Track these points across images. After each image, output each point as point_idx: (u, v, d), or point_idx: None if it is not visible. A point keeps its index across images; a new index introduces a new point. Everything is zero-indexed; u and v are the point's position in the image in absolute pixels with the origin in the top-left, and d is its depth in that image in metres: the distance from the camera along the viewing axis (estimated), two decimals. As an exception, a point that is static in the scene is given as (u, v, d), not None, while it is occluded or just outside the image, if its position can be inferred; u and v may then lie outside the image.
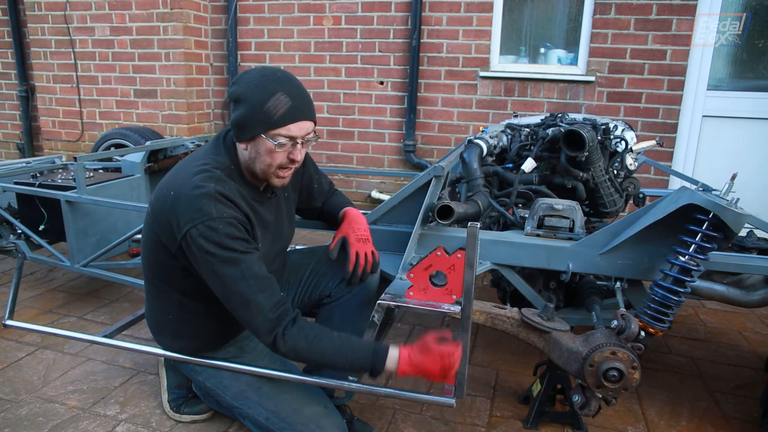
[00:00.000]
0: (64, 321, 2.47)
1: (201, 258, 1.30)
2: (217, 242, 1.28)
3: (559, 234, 1.73)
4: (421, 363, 1.31)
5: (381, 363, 1.32)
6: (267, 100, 1.29)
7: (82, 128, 4.78)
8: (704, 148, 3.80)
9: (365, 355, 1.33)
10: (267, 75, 1.33)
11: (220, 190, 1.31)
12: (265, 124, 1.30)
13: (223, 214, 1.29)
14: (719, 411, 1.89)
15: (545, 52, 4.03)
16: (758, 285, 1.70)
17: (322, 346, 1.33)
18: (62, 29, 4.60)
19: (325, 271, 1.71)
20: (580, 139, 1.83)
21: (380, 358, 1.32)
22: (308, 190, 1.74)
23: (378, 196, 4.37)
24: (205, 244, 1.28)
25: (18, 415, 1.76)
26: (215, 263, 1.29)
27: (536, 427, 1.76)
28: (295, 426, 1.47)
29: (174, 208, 1.32)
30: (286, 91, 1.31)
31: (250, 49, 4.52)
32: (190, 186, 1.32)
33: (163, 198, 1.36)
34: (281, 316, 1.32)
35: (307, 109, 1.36)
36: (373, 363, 1.32)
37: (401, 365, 1.32)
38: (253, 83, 1.32)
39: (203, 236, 1.28)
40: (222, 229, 1.28)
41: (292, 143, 1.35)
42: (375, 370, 1.33)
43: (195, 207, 1.29)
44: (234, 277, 1.30)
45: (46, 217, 2.50)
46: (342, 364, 1.36)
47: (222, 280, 1.31)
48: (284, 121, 1.31)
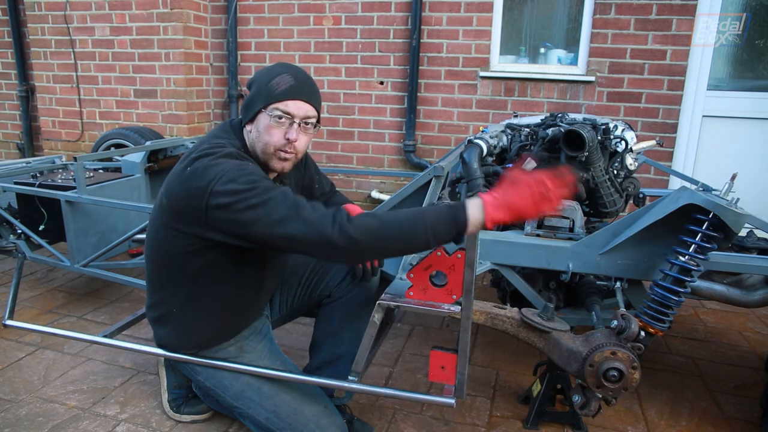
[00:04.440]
0: (64, 321, 2.47)
1: (233, 206, 1.21)
2: (249, 178, 1.24)
3: (559, 234, 1.73)
4: (511, 199, 1.14)
5: (463, 214, 1.15)
6: (272, 79, 1.37)
7: (82, 128, 4.78)
8: (704, 148, 3.80)
9: (443, 212, 1.17)
10: (278, 64, 1.44)
11: (236, 152, 1.35)
12: (266, 98, 1.37)
13: (247, 165, 1.30)
14: (719, 411, 1.89)
15: (545, 52, 4.03)
16: (758, 285, 1.70)
17: (394, 217, 1.20)
18: (62, 29, 4.59)
19: (325, 271, 1.71)
20: (580, 139, 1.83)
21: (461, 211, 1.15)
22: (309, 190, 1.75)
23: (378, 196, 4.37)
24: (235, 185, 1.22)
25: (18, 415, 1.76)
26: (248, 202, 1.21)
27: (536, 427, 1.76)
28: (295, 426, 1.47)
29: (194, 175, 1.28)
30: (291, 73, 1.39)
31: (250, 49, 4.52)
32: (206, 157, 1.31)
33: (178, 176, 1.34)
34: (333, 211, 1.21)
35: (308, 91, 1.40)
36: (454, 216, 1.15)
37: (488, 210, 1.14)
38: (265, 69, 1.43)
39: (232, 180, 1.23)
40: (248, 168, 1.29)
41: (289, 122, 1.37)
42: (460, 224, 1.15)
43: (216, 166, 1.27)
44: (273, 204, 1.20)
45: (46, 217, 2.50)
46: (422, 231, 1.17)
47: (261, 214, 1.20)
48: (283, 96, 1.36)
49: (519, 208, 1.14)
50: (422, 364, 2.14)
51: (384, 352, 2.23)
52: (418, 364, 2.15)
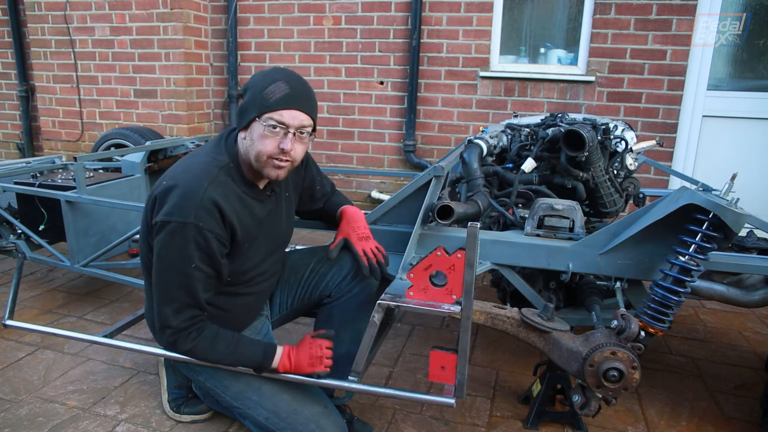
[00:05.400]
0: (64, 321, 2.47)
1: (160, 247, 1.34)
2: (179, 246, 1.32)
3: (559, 234, 1.73)
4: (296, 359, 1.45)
5: (269, 362, 1.45)
6: (267, 86, 1.34)
7: (82, 128, 4.78)
8: (704, 148, 3.80)
9: (256, 357, 1.45)
10: (275, 68, 1.41)
11: (210, 195, 1.32)
12: (260, 106, 1.34)
13: (200, 223, 1.31)
14: (719, 411, 1.89)
15: (545, 52, 4.03)
16: (758, 285, 1.70)
17: (218, 348, 1.41)
18: (62, 29, 4.59)
19: (325, 271, 1.70)
20: (580, 139, 1.82)
21: (268, 360, 1.45)
22: (310, 191, 1.74)
23: (378, 196, 4.37)
24: (168, 240, 1.32)
25: (18, 415, 1.76)
26: (166, 258, 1.34)
27: (536, 427, 1.76)
28: (295, 426, 1.47)
29: (165, 196, 1.34)
30: (287, 80, 1.36)
31: (250, 49, 4.52)
32: (184, 181, 1.34)
33: (158, 184, 1.39)
34: (189, 327, 1.37)
35: (303, 100, 1.38)
36: (261, 363, 1.45)
37: (281, 362, 1.45)
38: (260, 74, 1.40)
39: (170, 234, 1.32)
40: (192, 236, 1.31)
41: (284, 131, 1.35)
42: (263, 368, 1.46)
43: (179, 204, 1.31)
44: (172, 280, 1.35)
45: (46, 217, 2.49)
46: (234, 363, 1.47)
47: (160, 275, 1.37)
48: (278, 105, 1.33)
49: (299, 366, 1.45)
50: (422, 364, 2.14)
51: (384, 352, 2.23)
52: (418, 364, 2.15)
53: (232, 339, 1.44)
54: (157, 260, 1.36)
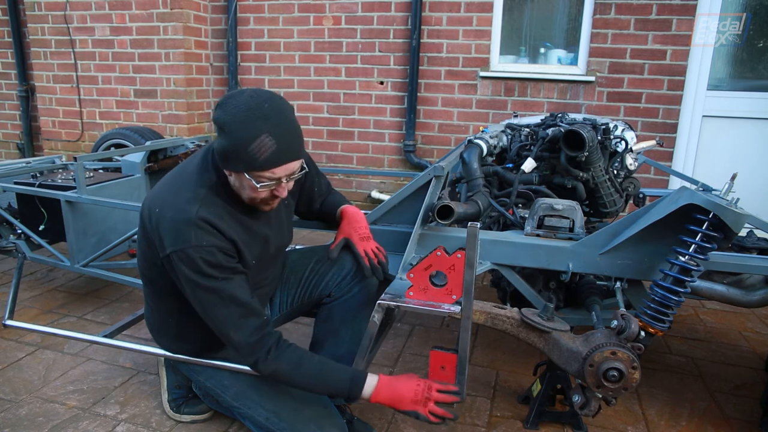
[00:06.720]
0: (64, 321, 2.47)
1: (183, 280, 1.33)
2: (197, 269, 1.30)
3: (559, 234, 1.73)
4: (396, 391, 1.38)
5: (357, 391, 1.38)
6: (251, 142, 1.22)
7: (82, 128, 4.78)
8: (704, 148, 3.80)
9: (343, 384, 1.38)
10: (253, 108, 1.23)
11: (202, 215, 1.30)
12: (248, 165, 1.26)
13: (202, 242, 1.29)
14: (719, 411, 1.89)
15: (545, 52, 4.03)
16: (758, 285, 1.70)
17: (303, 371, 1.38)
18: (62, 29, 4.59)
19: (325, 271, 1.70)
20: (580, 139, 1.82)
21: (357, 387, 1.38)
22: (309, 193, 1.74)
23: (378, 196, 4.37)
24: (185, 269, 1.30)
25: (18, 415, 1.76)
26: (195, 288, 1.32)
27: (536, 427, 1.76)
28: (296, 426, 1.47)
29: (158, 227, 1.33)
30: (272, 132, 1.23)
31: (250, 49, 4.52)
32: (173, 207, 1.32)
33: (149, 212, 1.36)
34: (262, 340, 1.35)
35: (293, 150, 1.30)
36: (350, 390, 1.38)
37: (375, 393, 1.38)
38: (240, 117, 1.23)
39: (183, 262, 1.30)
40: (200, 257, 1.29)
41: (276, 182, 1.32)
42: (351, 398, 1.41)
43: (175, 232, 1.30)
44: (213, 303, 1.33)
45: (46, 217, 2.49)
46: (319, 389, 1.43)
47: (202, 305, 1.34)
48: (268, 165, 1.26)
49: (399, 400, 1.38)
50: (422, 364, 2.14)
51: (384, 352, 2.23)
52: (418, 364, 2.15)
53: (318, 363, 1.40)
54: (192, 295, 1.34)
